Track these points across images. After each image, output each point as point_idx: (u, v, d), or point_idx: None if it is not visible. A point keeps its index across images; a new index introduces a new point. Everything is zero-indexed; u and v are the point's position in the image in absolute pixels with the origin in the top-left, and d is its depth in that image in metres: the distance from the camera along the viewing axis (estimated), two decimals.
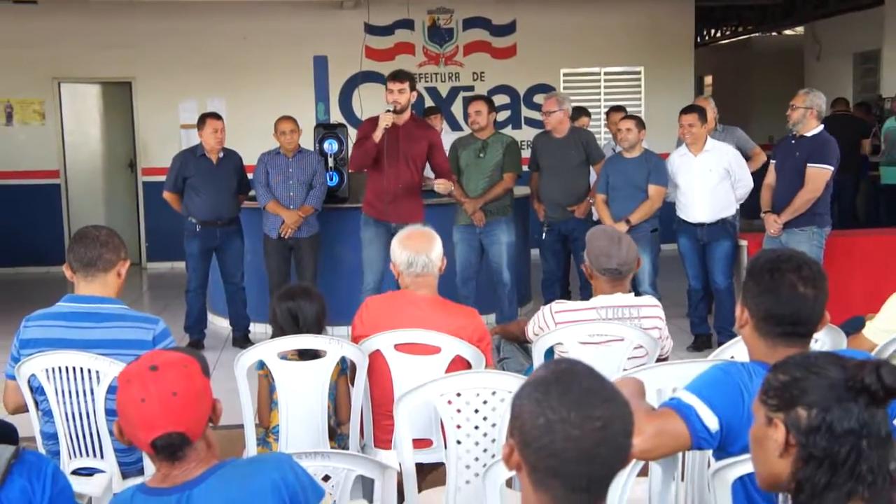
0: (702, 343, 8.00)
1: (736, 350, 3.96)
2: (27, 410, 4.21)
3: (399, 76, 7.53)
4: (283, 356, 4.42)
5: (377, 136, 7.29)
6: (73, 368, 4.00)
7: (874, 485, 2.08)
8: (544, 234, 8.66)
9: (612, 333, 4.43)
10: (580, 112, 8.92)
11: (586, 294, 5.39)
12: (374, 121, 7.49)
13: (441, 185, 7.52)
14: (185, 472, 2.53)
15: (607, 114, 8.78)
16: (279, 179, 8.34)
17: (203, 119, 8.48)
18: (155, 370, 2.45)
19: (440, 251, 4.61)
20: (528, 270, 9.41)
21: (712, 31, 18.57)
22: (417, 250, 4.52)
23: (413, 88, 7.51)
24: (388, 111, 7.32)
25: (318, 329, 4.53)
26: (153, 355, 2.62)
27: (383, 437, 4.48)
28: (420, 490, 4.04)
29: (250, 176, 8.61)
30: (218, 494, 2.52)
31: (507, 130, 11.50)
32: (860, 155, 12.17)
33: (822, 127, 7.44)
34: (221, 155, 8.48)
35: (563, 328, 4.43)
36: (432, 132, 8.04)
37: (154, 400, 2.43)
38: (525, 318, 5.13)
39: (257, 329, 8.66)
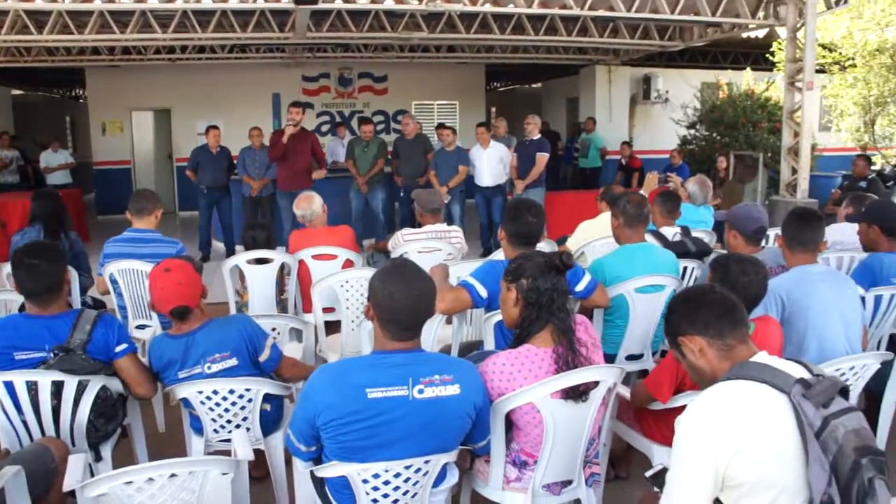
0: (486, 252, 8.79)
1: (499, 254, 3.98)
2: (109, 293, 4.61)
3: (297, 104, 8.52)
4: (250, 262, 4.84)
5: (285, 139, 8.17)
6: (132, 270, 4.46)
7: (561, 316, 2.54)
8: (402, 193, 9.45)
9: (435, 246, 4.95)
10: (441, 126, 9.55)
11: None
12: (279, 133, 8.39)
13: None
14: (189, 326, 2.95)
15: (437, 127, 9.62)
16: (250, 163, 9.09)
17: (208, 129, 9.39)
18: (168, 271, 2.93)
19: (319, 203, 5.14)
20: (394, 213, 10.19)
21: (495, 83, 20.55)
22: (305, 207, 5.09)
23: (303, 112, 8.41)
24: (289, 125, 8.22)
25: (268, 246, 4.93)
26: (166, 262, 3.01)
27: (307, 307, 4.82)
28: (327, 335, 4.44)
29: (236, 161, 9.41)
30: (209, 336, 2.96)
31: (383, 135, 12.73)
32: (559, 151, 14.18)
33: (540, 135, 8.97)
34: (219, 149, 9.30)
35: (408, 244, 4.94)
36: (313, 137, 8.84)
37: (168, 287, 2.90)
38: (387, 239, 5.49)
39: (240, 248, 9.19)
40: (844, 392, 1.84)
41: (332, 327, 4.58)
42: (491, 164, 9.03)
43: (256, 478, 3.43)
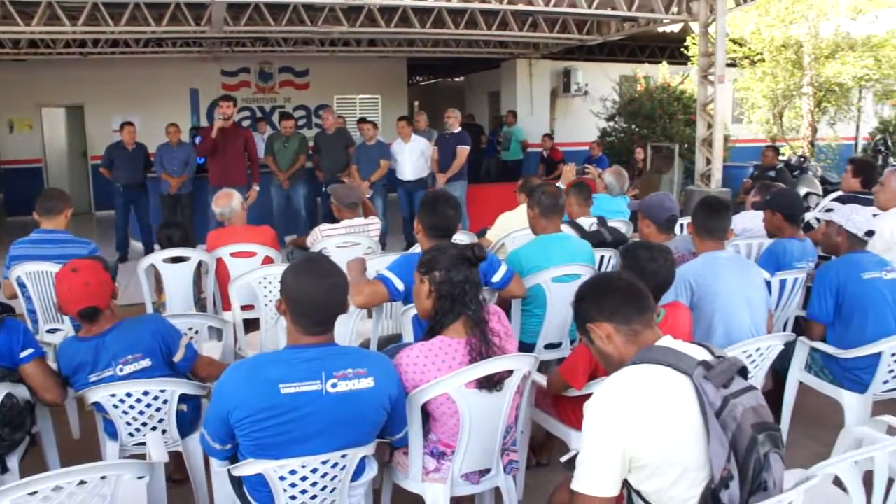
0: (409, 245, 8.63)
1: (418, 247, 3.87)
2: (17, 297, 4.37)
3: (228, 98, 8.19)
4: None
5: (214, 133, 7.93)
6: (41, 272, 4.28)
7: (474, 307, 2.56)
8: (323, 188, 9.30)
9: (354, 241, 4.92)
10: (363, 120, 9.54)
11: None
12: (207, 128, 8.19)
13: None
14: (99, 327, 2.87)
15: (358, 122, 9.57)
16: (168, 160, 8.82)
17: (122, 126, 9.07)
18: (75, 271, 2.84)
19: (239, 200, 5.06)
20: (316, 209, 9.96)
21: (418, 78, 20.60)
22: (224, 205, 4.99)
23: (235, 106, 8.10)
24: (220, 118, 7.93)
25: (184, 245, 4.80)
26: (74, 262, 2.91)
27: (226, 305, 4.65)
28: (247, 333, 4.42)
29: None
30: (120, 337, 2.88)
31: (304, 130, 12.67)
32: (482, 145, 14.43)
33: (461, 128, 8.95)
34: (135, 146, 9.01)
35: (326, 239, 4.89)
36: (247, 134, 8.60)
37: (76, 288, 2.81)
38: (307, 234, 5.33)
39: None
40: (743, 372, 1.92)
41: (252, 325, 4.52)
42: (412, 157, 9.04)
43: (177, 480, 3.40)
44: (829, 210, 4.80)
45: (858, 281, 3.59)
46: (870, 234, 3.72)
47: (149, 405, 2.94)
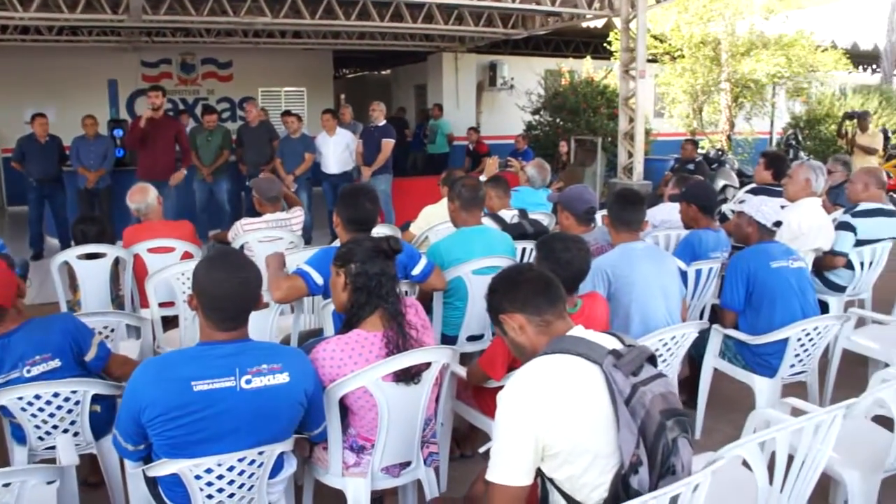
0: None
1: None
2: None
3: (156, 88, 7.89)
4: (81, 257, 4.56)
5: (142, 124, 7.66)
6: None
7: (391, 300, 2.55)
8: (247, 182, 8.92)
9: (276, 235, 4.88)
10: (287, 113, 9.35)
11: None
12: (137, 119, 7.89)
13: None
14: (4, 327, 2.76)
15: (282, 114, 9.40)
16: (85, 153, 8.53)
17: (33, 117, 8.66)
18: None
19: (154, 195, 4.93)
20: (240, 203, 9.75)
21: (344, 70, 20.45)
22: (139, 200, 4.86)
23: (164, 96, 7.83)
24: (149, 109, 7.67)
25: (101, 241, 4.67)
26: None
27: (144, 302, 4.47)
28: (165, 331, 4.30)
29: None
30: (27, 337, 2.78)
31: (228, 123, 12.49)
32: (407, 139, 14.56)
33: (385, 121, 8.87)
34: (48, 139, 8.60)
35: (248, 234, 4.83)
36: (178, 126, 8.37)
37: None
38: (229, 229, 5.21)
39: None
40: (652, 360, 1.97)
41: (172, 322, 4.40)
42: (337, 151, 8.97)
43: (93, 484, 3.32)
44: (741, 202, 4.96)
45: (767, 270, 3.73)
46: (778, 224, 3.85)
47: (59, 407, 2.84)
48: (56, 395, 2.80)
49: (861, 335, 4.35)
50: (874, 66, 20.60)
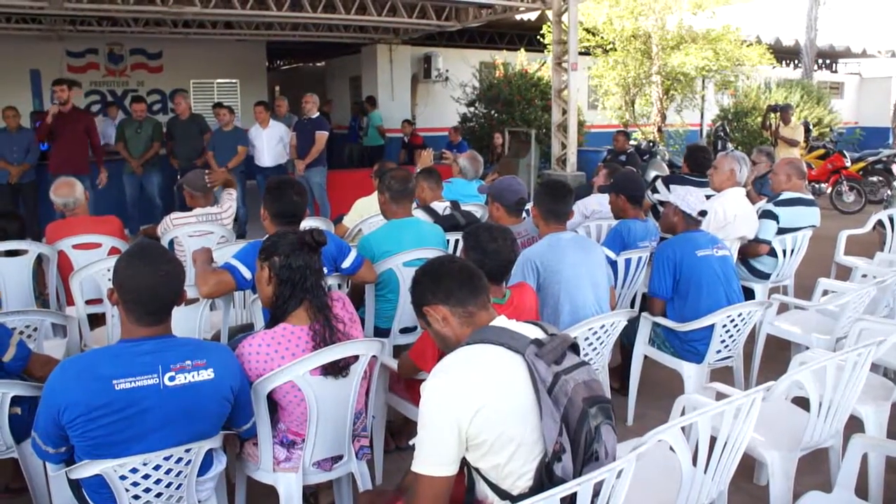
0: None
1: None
2: None
3: (62, 82, 7.80)
4: None
5: (49, 119, 7.57)
6: None
7: (317, 293, 2.53)
8: (179, 176, 8.74)
9: (206, 230, 4.76)
10: (218, 105, 9.29)
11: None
12: (44, 114, 7.85)
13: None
14: None
15: (213, 107, 9.31)
16: (6, 147, 8.12)
17: None
18: None
19: (81, 190, 4.81)
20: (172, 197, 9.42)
21: (278, 62, 20.43)
22: (66, 194, 4.74)
23: (70, 89, 7.70)
24: (56, 104, 7.56)
25: (21, 237, 4.49)
26: None
27: (70, 300, 4.30)
28: (93, 329, 4.13)
29: None
30: None
31: (160, 116, 12.19)
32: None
33: (318, 113, 8.83)
34: None
35: (178, 228, 4.70)
36: (88, 119, 8.27)
37: None
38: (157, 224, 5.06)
39: None
40: (575, 348, 1.99)
41: (99, 320, 4.30)
42: (271, 143, 8.88)
43: (15, 490, 3.24)
44: (655, 191, 5.08)
45: (693, 258, 3.81)
46: (703, 214, 3.94)
47: None
48: None
49: (783, 320, 4.50)
50: (796, 62, 21.29)
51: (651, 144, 12.38)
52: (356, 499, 2.91)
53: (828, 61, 24.66)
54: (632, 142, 12.24)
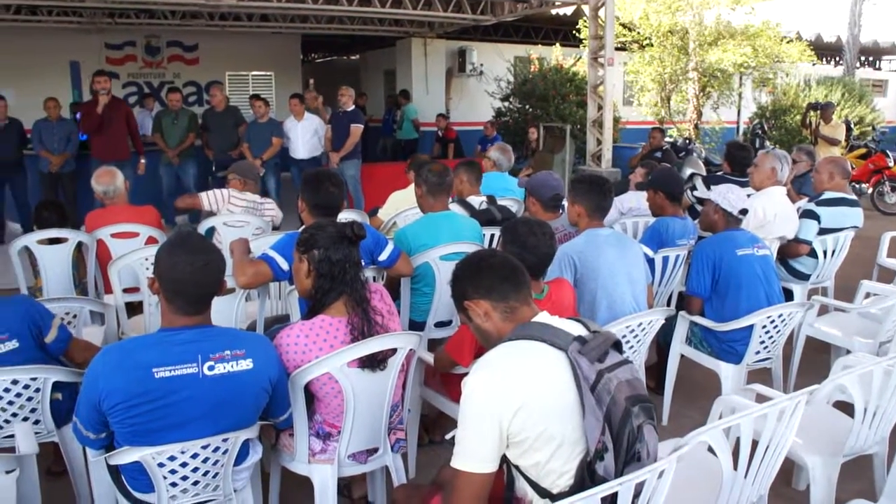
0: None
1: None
2: None
3: (102, 73, 7.96)
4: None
5: (99, 109, 7.69)
6: None
7: (355, 286, 2.54)
8: (213, 167, 8.98)
9: (243, 220, 4.85)
10: (255, 97, 9.23)
11: None
12: (91, 104, 7.92)
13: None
14: None
15: (250, 98, 9.30)
16: (48, 136, 8.31)
17: None
18: None
19: (122, 179, 4.87)
20: (207, 188, 9.50)
21: (313, 55, 20.39)
22: (107, 182, 4.80)
23: (109, 80, 7.85)
24: (102, 94, 7.70)
25: (62, 225, 4.61)
26: None
27: (108, 288, 4.37)
28: (130, 317, 4.17)
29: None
30: None
31: (195, 107, 12.17)
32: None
33: (354, 106, 8.83)
34: (7, 122, 8.38)
35: (226, 212, 4.81)
36: (128, 109, 8.40)
37: None
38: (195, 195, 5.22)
39: None
40: (618, 346, 1.96)
41: (136, 308, 4.32)
42: (306, 136, 8.89)
43: (56, 473, 3.27)
44: (693, 189, 5.01)
45: (733, 257, 3.75)
46: (744, 212, 3.88)
47: (19, 394, 2.76)
48: (15, 381, 2.72)
49: (824, 322, 4.42)
50: (837, 59, 20.89)
51: (687, 142, 12.23)
52: (389, 492, 2.91)
53: (871, 58, 24.16)
54: (667, 139, 12.10)
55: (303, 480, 2.69)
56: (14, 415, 2.80)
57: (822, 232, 4.88)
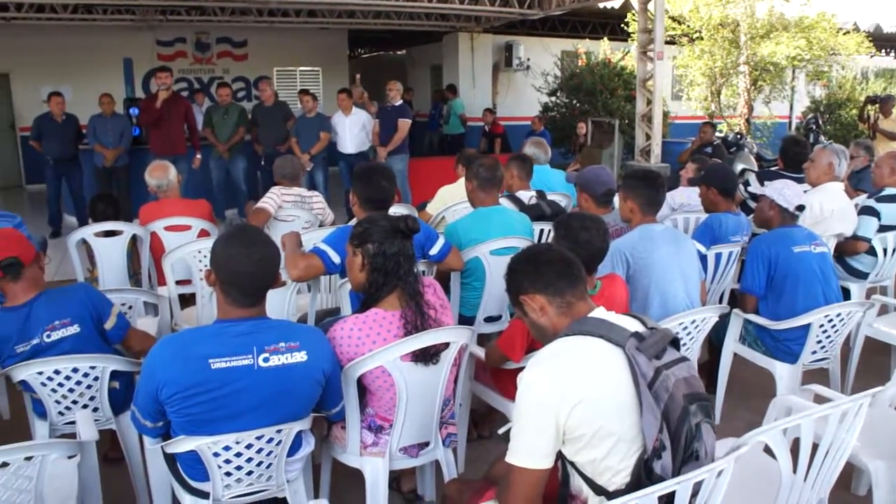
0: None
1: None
2: None
3: (165, 69, 8.15)
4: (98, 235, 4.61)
5: (158, 104, 7.89)
6: None
7: (409, 279, 2.54)
8: (262, 161, 9.12)
9: (295, 214, 4.90)
10: (304, 92, 9.30)
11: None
12: (149, 99, 8.13)
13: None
14: (25, 294, 2.74)
15: (298, 93, 9.38)
16: (102, 131, 8.53)
17: (49, 96, 8.67)
18: None
19: (175, 173, 4.96)
20: (256, 182, 9.71)
21: (359, 50, 20.49)
22: (161, 176, 4.87)
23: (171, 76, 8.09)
24: (162, 89, 7.89)
25: (116, 218, 4.75)
26: None
27: (161, 280, 4.50)
28: (183, 308, 4.29)
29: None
30: (47, 303, 2.77)
31: (244, 102, 12.44)
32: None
33: (402, 101, 8.84)
34: (64, 117, 8.61)
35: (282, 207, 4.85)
36: (187, 103, 8.59)
37: None
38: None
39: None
40: (675, 343, 1.93)
41: (189, 300, 4.43)
42: (353, 130, 8.93)
43: (113, 459, 3.33)
44: (746, 185, 4.90)
45: (789, 254, 3.66)
46: (800, 208, 3.79)
47: (79, 382, 2.83)
48: (75, 370, 2.79)
49: (884, 323, 4.28)
50: None
51: (738, 137, 12.00)
52: (439, 486, 2.91)
53: None
54: (718, 134, 11.89)
55: (353, 472, 2.70)
56: (74, 402, 2.87)
57: (882, 229, 4.74)
